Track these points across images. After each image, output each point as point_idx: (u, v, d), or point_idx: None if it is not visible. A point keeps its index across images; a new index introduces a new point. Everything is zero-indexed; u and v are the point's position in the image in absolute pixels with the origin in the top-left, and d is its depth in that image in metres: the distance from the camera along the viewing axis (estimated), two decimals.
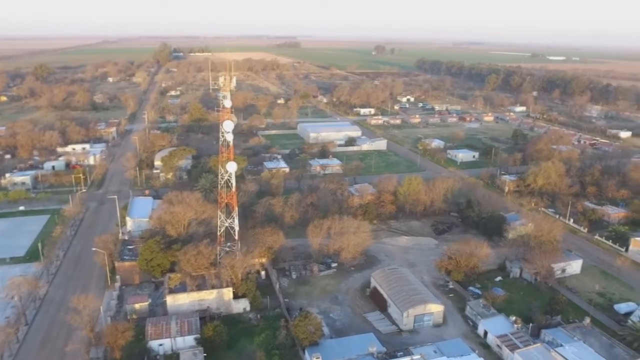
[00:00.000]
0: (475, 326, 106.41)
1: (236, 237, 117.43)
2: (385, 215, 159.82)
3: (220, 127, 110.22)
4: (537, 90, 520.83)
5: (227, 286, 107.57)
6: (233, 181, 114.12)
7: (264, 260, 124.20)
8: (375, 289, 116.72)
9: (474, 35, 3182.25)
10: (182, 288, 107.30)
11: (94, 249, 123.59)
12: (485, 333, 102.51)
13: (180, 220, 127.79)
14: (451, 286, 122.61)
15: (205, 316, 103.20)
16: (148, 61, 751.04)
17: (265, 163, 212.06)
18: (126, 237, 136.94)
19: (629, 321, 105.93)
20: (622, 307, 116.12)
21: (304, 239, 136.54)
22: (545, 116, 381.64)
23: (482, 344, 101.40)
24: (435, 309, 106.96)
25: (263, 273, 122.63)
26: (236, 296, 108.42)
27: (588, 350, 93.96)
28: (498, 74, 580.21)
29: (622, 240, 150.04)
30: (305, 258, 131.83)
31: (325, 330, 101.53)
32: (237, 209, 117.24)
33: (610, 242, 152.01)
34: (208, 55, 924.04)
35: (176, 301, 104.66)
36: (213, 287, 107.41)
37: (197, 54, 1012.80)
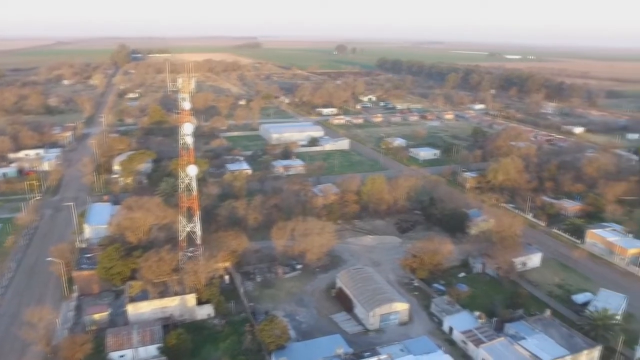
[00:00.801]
0: (440, 323, 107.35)
1: (198, 242, 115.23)
2: (349, 215, 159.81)
3: (180, 129, 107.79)
4: (495, 88, 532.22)
5: (191, 292, 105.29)
6: (194, 185, 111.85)
7: (227, 264, 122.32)
8: (340, 289, 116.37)
9: (434, 34, 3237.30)
10: (143, 296, 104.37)
11: (49, 258, 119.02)
12: (451, 329, 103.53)
13: (141, 226, 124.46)
14: (416, 284, 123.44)
15: (169, 324, 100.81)
16: (105, 63, 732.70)
17: (227, 165, 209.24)
18: (84, 245, 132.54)
19: (586, 311, 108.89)
20: (579, 298, 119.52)
21: (268, 241, 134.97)
22: (503, 113, 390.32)
23: (448, 340, 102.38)
24: (401, 307, 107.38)
25: (227, 277, 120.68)
26: (200, 302, 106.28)
27: (549, 342, 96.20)
28: (457, 73, 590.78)
29: (579, 233, 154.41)
30: (269, 260, 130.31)
31: (292, 333, 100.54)
32: (199, 213, 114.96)
33: (567, 235, 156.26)
34: (168, 57, 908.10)
35: (137, 310, 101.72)
36: (176, 294, 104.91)
37: (156, 55, 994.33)
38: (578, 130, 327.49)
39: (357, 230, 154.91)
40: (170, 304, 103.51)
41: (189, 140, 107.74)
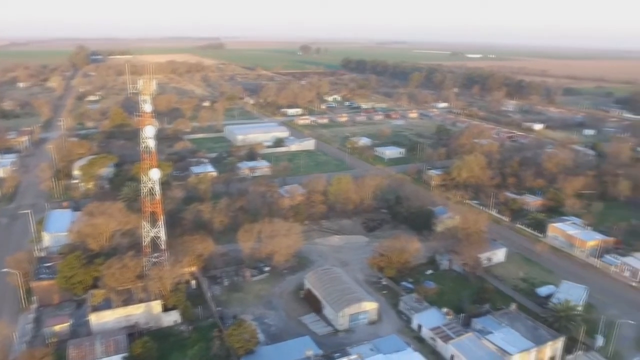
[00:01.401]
0: (409, 321, 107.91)
1: (163, 247, 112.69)
2: (316, 215, 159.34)
3: (141, 132, 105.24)
4: (457, 86, 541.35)
5: (156, 299, 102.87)
6: (157, 189, 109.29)
7: (193, 268, 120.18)
8: (309, 290, 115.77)
9: (396, 34, 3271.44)
10: (106, 304, 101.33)
11: (5, 269, 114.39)
12: (420, 327, 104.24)
13: (103, 232, 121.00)
14: (384, 283, 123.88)
15: (134, 332, 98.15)
16: (63, 65, 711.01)
17: (192, 168, 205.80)
18: (43, 254, 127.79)
19: (550, 303, 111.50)
20: (542, 291, 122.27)
21: (235, 244, 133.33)
22: (466, 111, 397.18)
23: (417, 338, 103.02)
24: (370, 306, 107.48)
25: (193, 282, 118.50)
26: (166, 308, 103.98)
27: (515, 335, 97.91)
28: (421, 72, 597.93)
29: (541, 227, 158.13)
30: (237, 264, 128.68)
31: (261, 336, 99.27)
32: (163, 217, 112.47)
33: (530, 229, 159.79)
34: (129, 58, 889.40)
35: (101, 319, 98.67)
36: (141, 301, 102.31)
37: (117, 56, 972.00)
38: (538, 127, 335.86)
39: (325, 230, 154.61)
40: (135, 312, 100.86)
41: (151, 143, 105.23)
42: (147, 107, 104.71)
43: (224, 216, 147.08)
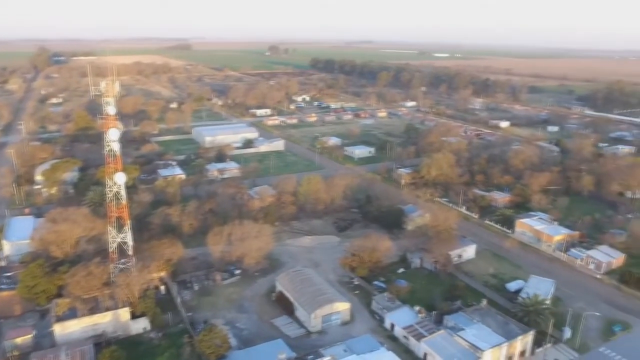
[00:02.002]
0: (382, 320, 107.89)
1: (130, 253, 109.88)
2: (287, 216, 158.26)
3: (105, 135, 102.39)
4: (425, 85, 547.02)
5: (124, 306, 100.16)
6: (123, 193, 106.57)
7: (162, 273, 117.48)
8: (281, 293, 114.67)
9: (364, 34, 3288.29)
10: (72, 314, 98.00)
11: None
12: (392, 326, 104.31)
13: (67, 239, 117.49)
14: (356, 282, 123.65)
15: (101, 342, 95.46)
16: (24, 66, 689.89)
17: (159, 171, 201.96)
18: (3, 264, 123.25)
19: (519, 298, 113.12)
20: (512, 286, 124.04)
21: (205, 247, 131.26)
22: (434, 110, 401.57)
23: (390, 337, 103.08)
24: (342, 307, 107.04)
25: (163, 288, 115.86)
26: (134, 316, 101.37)
27: (486, 331, 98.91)
28: (389, 71, 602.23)
29: (509, 223, 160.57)
30: (207, 267, 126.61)
31: (233, 341, 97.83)
32: (129, 222, 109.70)
33: (498, 226, 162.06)
34: (93, 59, 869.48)
35: (66, 329, 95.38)
36: (108, 309, 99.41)
37: (81, 58, 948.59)
38: (504, 124, 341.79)
39: (295, 231, 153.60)
40: (102, 320, 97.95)
41: (116, 146, 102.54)
42: (111, 110, 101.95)
43: (193, 219, 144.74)
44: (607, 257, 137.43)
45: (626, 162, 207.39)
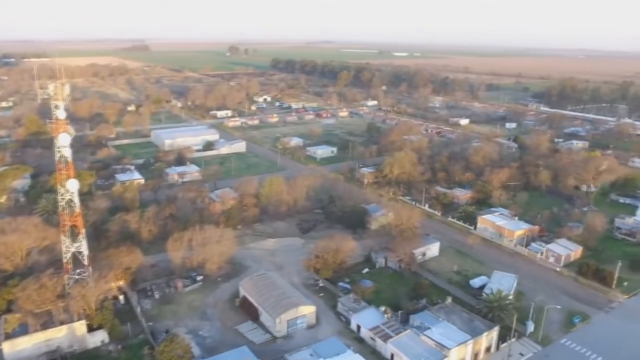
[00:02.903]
0: (348, 322, 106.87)
1: (86, 262, 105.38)
2: (249, 219, 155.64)
3: (55, 141, 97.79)
4: (385, 84, 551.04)
5: (80, 319, 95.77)
6: (76, 201, 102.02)
7: (121, 283, 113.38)
8: (244, 298, 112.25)
9: (324, 34, 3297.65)
10: (22, 330, 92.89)
11: None
12: (359, 327, 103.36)
13: (16, 250, 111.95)
14: (321, 284, 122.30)
15: (56, 358, 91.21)
16: None
17: (117, 176, 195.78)
18: None
19: (483, 294, 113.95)
20: (476, 282, 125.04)
21: (165, 254, 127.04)
22: (395, 109, 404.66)
23: (357, 339, 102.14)
24: (307, 310, 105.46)
25: (122, 297, 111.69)
26: (91, 329, 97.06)
27: (452, 328, 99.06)
28: (349, 71, 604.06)
29: (471, 219, 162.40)
30: (168, 274, 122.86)
31: (196, 350, 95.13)
32: (84, 230, 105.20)
33: (461, 222, 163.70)
34: (46, 61, 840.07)
35: (16, 347, 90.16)
36: (62, 323, 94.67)
37: (32, 59, 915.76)
38: (464, 121, 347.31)
39: (258, 234, 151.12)
40: (57, 335, 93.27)
41: (67, 152, 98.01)
42: (61, 114, 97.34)
43: (152, 225, 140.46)
44: (565, 250, 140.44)
45: (581, 157, 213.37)
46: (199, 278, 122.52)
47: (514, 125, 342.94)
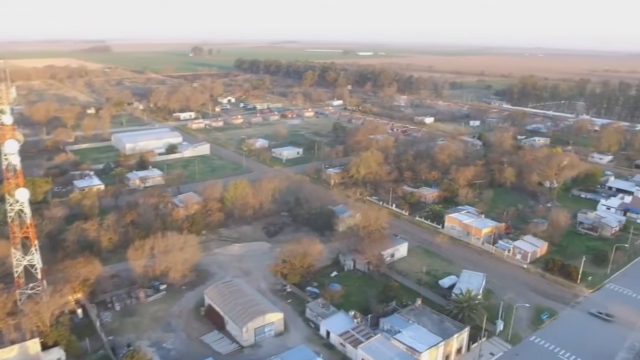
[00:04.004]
0: (317, 327, 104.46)
1: (39, 276, 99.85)
2: (214, 224, 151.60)
3: (2, 148, 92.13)
4: (351, 84, 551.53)
5: (33, 337, 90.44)
6: (27, 211, 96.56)
7: (79, 295, 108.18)
8: (210, 306, 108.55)
9: (288, 34, 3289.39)
10: None
11: None
12: (328, 333, 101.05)
13: None
14: (289, 290, 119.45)
15: None
16: None
17: (75, 182, 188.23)
18: None
19: (453, 295, 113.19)
20: (445, 282, 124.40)
21: (127, 263, 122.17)
22: (360, 108, 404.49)
23: (326, 345, 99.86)
24: (275, 317, 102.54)
25: (80, 311, 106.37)
26: (46, 347, 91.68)
27: (422, 331, 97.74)
28: (314, 71, 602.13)
29: (438, 218, 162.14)
30: (129, 285, 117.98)
31: None
32: (37, 242, 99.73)
33: (428, 222, 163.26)
34: None
35: None
36: (13, 342, 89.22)
37: None
38: (428, 120, 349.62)
39: (224, 239, 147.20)
40: (7, 356, 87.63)
41: (15, 159, 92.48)
42: (7, 119, 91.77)
43: (112, 233, 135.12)
44: (531, 246, 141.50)
45: (543, 154, 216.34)
46: (163, 287, 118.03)
47: (477, 123, 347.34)
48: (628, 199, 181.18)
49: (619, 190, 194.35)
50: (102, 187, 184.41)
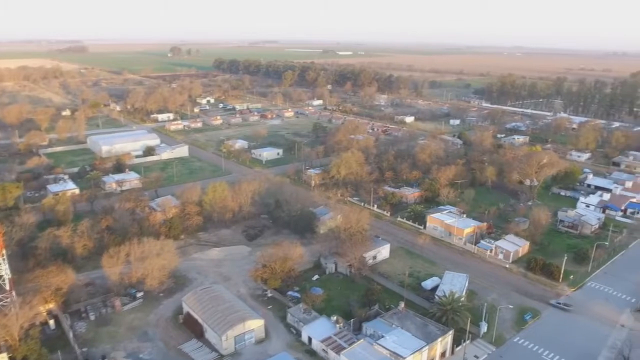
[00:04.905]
0: (299, 333, 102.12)
1: (7, 287, 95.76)
2: (193, 227, 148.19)
3: None
4: (331, 83, 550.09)
5: (0, 352, 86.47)
6: None
7: (51, 306, 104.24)
8: (188, 314, 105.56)
9: (268, 34, 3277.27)
10: None
11: None
12: (310, 339, 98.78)
13: None
14: (270, 295, 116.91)
15: None
16: None
17: (48, 187, 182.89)
18: None
19: (436, 297, 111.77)
20: (428, 284, 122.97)
21: (102, 270, 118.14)
22: (340, 108, 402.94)
23: (309, 352, 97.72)
24: (255, 324, 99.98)
25: (52, 322, 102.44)
26: None
27: (406, 335, 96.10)
28: (294, 70, 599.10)
29: (420, 219, 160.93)
30: (104, 293, 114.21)
31: None
32: (5, 251, 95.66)
33: (410, 222, 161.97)
34: None
35: None
36: None
37: None
38: (409, 119, 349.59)
39: (202, 243, 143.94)
40: None
41: None
42: None
43: (87, 239, 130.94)
44: (513, 246, 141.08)
45: (523, 152, 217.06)
46: (139, 295, 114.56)
47: (457, 121, 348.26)
48: (607, 196, 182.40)
49: (598, 188, 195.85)
50: (77, 191, 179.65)
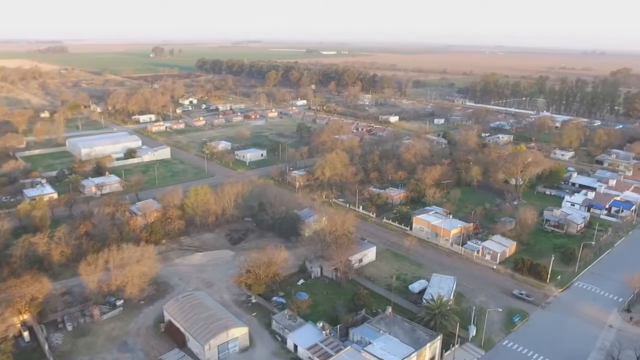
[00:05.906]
0: (284, 341, 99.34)
1: None
2: (175, 232, 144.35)
3: None
4: (314, 83, 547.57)
5: None
6: None
7: (25, 317, 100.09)
8: (170, 322, 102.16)
9: (251, 34, 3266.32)
10: None
11: None
12: (295, 347, 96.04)
13: None
14: (254, 301, 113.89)
15: None
16: None
17: (25, 191, 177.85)
18: None
19: (424, 301, 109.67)
20: (415, 287, 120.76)
21: (80, 278, 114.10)
22: (325, 107, 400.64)
23: (294, 359, 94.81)
24: (239, 332, 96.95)
25: (26, 334, 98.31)
26: None
27: (394, 341, 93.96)
28: (277, 70, 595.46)
29: (406, 220, 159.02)
30: (82, 302, 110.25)
31: None
32: None
33: (396, 224, 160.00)
34: None
35: None
36: None
37: None
38: (393, 119, 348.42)
39: (185, 248, 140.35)
40: None
41: None
42: None
43: (64, 246, 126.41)
44: (500, 246, 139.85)
45: (508, 151, 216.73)
46: (119, 303, 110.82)
47: (442, 121, 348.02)
48: (591, 194, 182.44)
49: (582, 187, 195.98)
50: (55, 195, 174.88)
